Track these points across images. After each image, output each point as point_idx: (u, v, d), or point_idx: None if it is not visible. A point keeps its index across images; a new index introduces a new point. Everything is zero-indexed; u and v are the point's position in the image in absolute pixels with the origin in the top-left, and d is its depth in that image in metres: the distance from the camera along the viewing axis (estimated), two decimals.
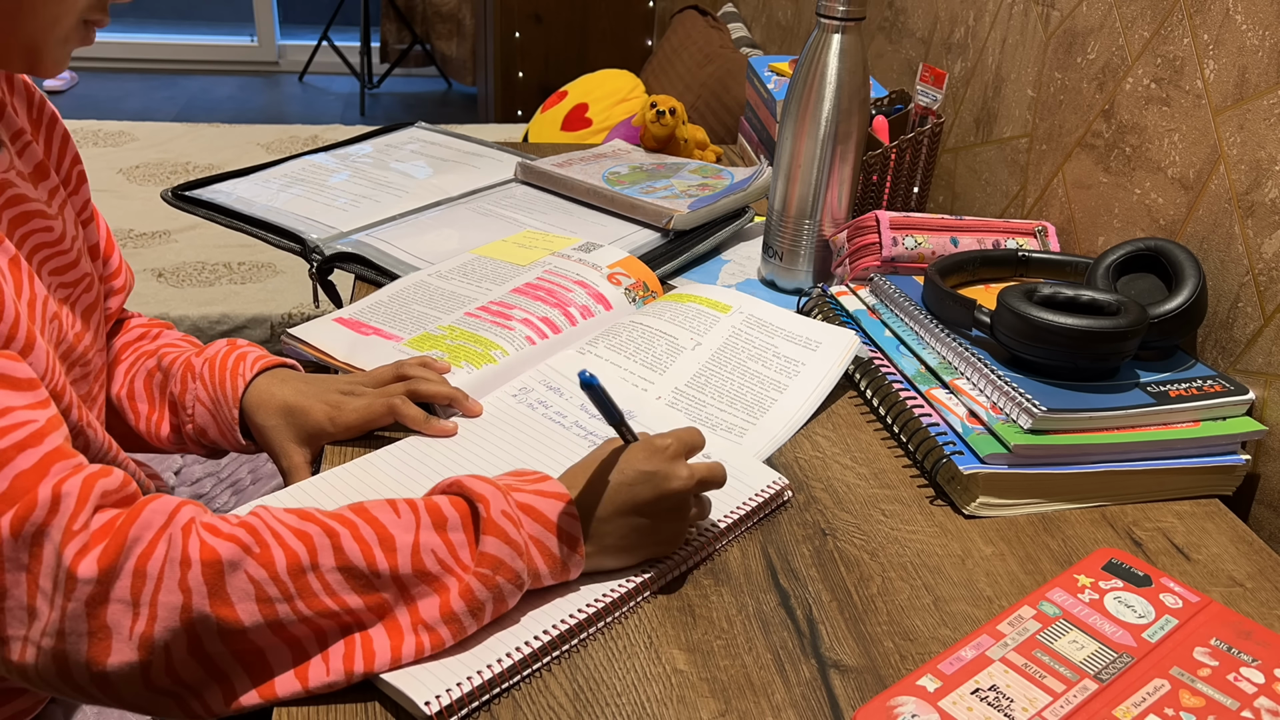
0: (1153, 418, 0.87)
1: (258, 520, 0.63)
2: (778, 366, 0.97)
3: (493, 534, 0.65)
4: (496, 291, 1.07)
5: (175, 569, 0.59)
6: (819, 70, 1.09)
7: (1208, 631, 0.69)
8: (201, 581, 0.59)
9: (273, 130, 2.74)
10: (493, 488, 0.67)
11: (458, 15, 4.44)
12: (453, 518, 0.66)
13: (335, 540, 0.63)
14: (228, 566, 0.60)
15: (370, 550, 0.63)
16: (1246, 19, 0.92)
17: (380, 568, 0.63)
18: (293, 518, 0.64)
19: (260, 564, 0.61)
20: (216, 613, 0.59)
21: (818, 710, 0.65)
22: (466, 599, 0.64)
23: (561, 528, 0.68)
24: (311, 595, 0.61)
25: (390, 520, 0.64)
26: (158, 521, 0.61)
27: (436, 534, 0.65)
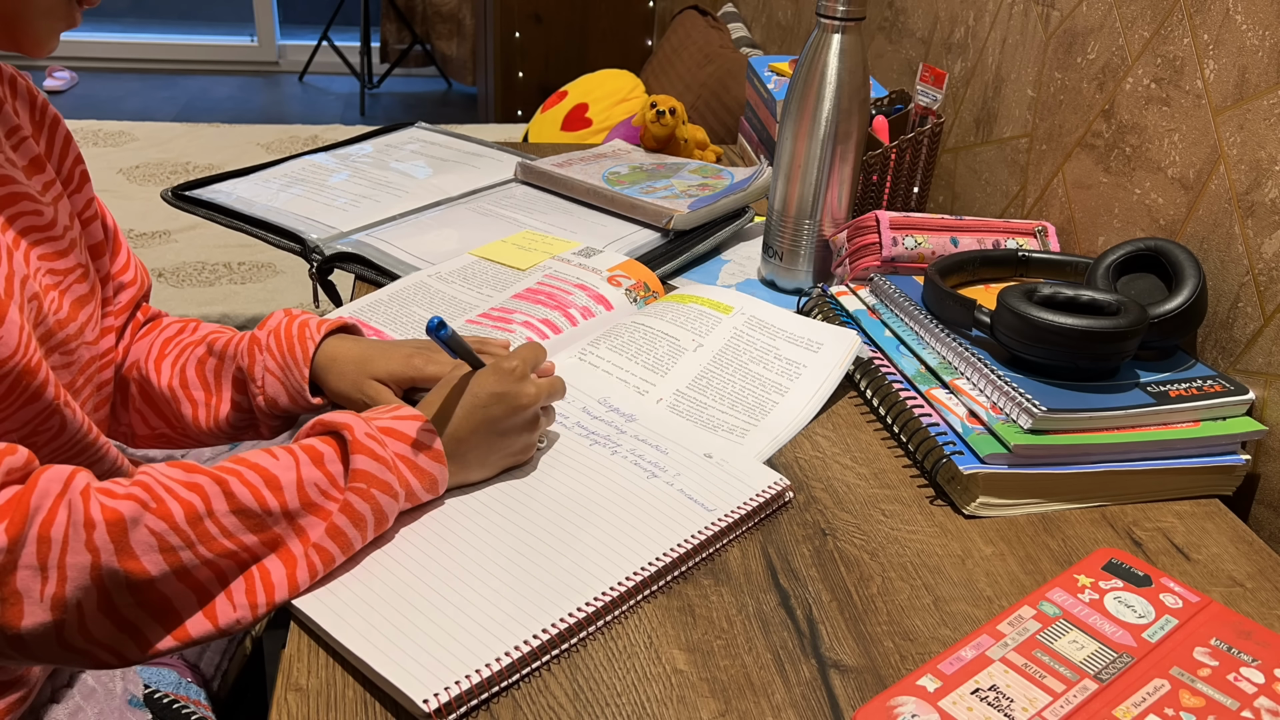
0: (1153, 418, 0.87)
1: (149, 478, 0.66)
2: (779, 369, 0.97)
3: (361, 452, 0.70)
4: (497, 298, 1.07)
5: (80, 531, 0.62)
6: (819, 70, 1.09)
7: (1208, 631, 0.69)
8: (108, 539, 0.62)
9: (273, 130, 2.74)
10: (354, 417, 0.72)
11: (458, 15, 4.44)
12: (328, 453, 0.71)
13: (225, 487, 0.66)
14: (130, 523, 0.63)
15: (259, 491, 0.67)
16: (1246, 19, 0.92)
17: (270, 505, 0.67)
18: (180, 472, 0.67)
19: (159, 517, 0.64)
20: (124, 567, 0.63)
21: (818, 710, 0.65)
22: (348, 514, 0.69)
23: (421, 442, 0.74)
24: (210, 539, 0.65)
25: (271, 463, 0.69)
26: (54, 489, 0.63)
27: (316, 469, 0.70)
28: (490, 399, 0.78)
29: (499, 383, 0.78)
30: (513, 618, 0.68)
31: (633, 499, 0.79)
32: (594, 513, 0.78)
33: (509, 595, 0.69)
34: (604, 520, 0.77)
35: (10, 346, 0.70)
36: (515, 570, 0.71)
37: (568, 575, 0.71)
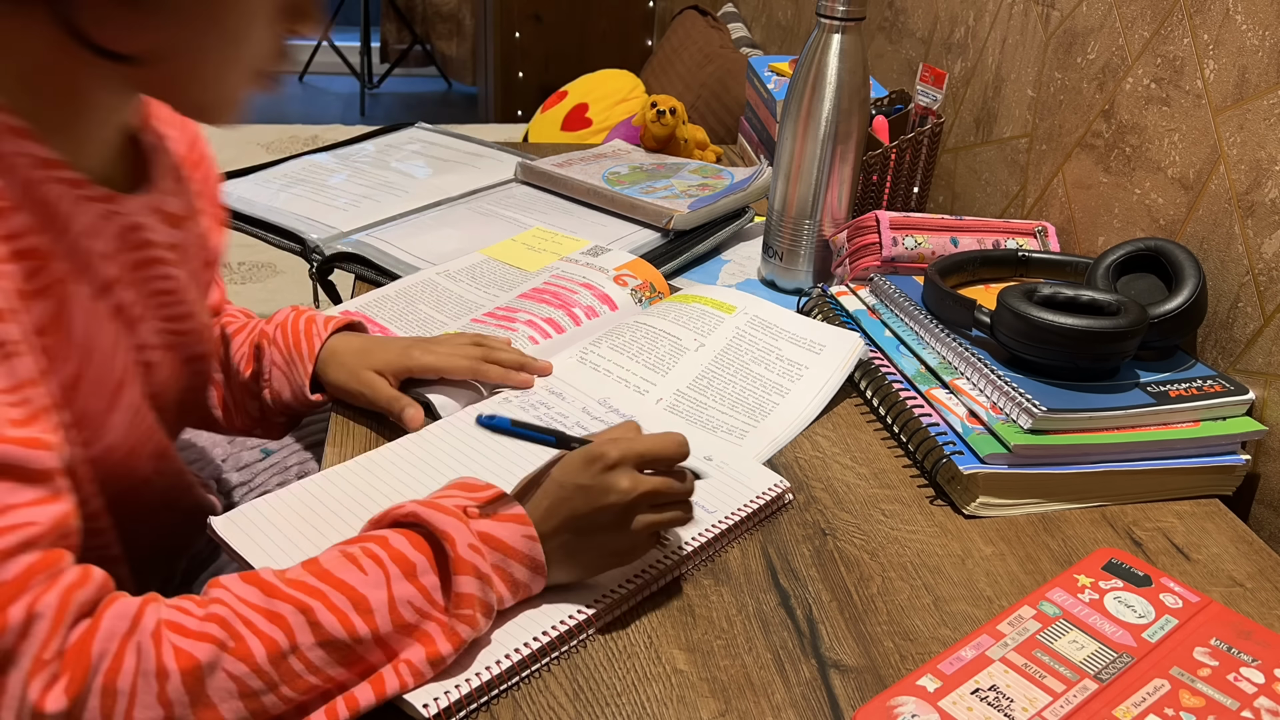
0: (1153, 418, 0.87)
1: (225, 609, 0.58)
2: (780, 369, 0.97)
3: (465, 572, 0.63)
4: (503, 298, 1.07)
5: (151, 682, 0.55)
6: (819, 70, 1.09)
7: (1208, 631, 0.69)
8: (182, 691, 0.55)
9: (273, 130, 2.74)
10: (454, 520, 0.64)
11: (458, 15, 4.44)
12: (420, 562, 0.63)
13: (310, 616, 0.59)
14: (206, 669, 0.56)
15: (347, 618, 0.60)
16: (1246, 19, 0.92)
17: (360, 633, 0.60)
18: (258, 596, 0.59)
19: (239, 658, 0.57)
20: (199, 717, 0.56)
21: (818, 710, 0.65)
22: (454, 642, 0.63)
23: (523, 552, 0.66)
24: (295, 678, 0.58)
25: (359, 580, 0.61)
26: (121, 629, 0.56)
27: (409, 583, 0.62)
28: (574, 490, 0.67)
29: (582, 472, 0.68)
30: (513, 620, 0.67)
31: None
32: None
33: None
34: None
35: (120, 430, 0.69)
36: None
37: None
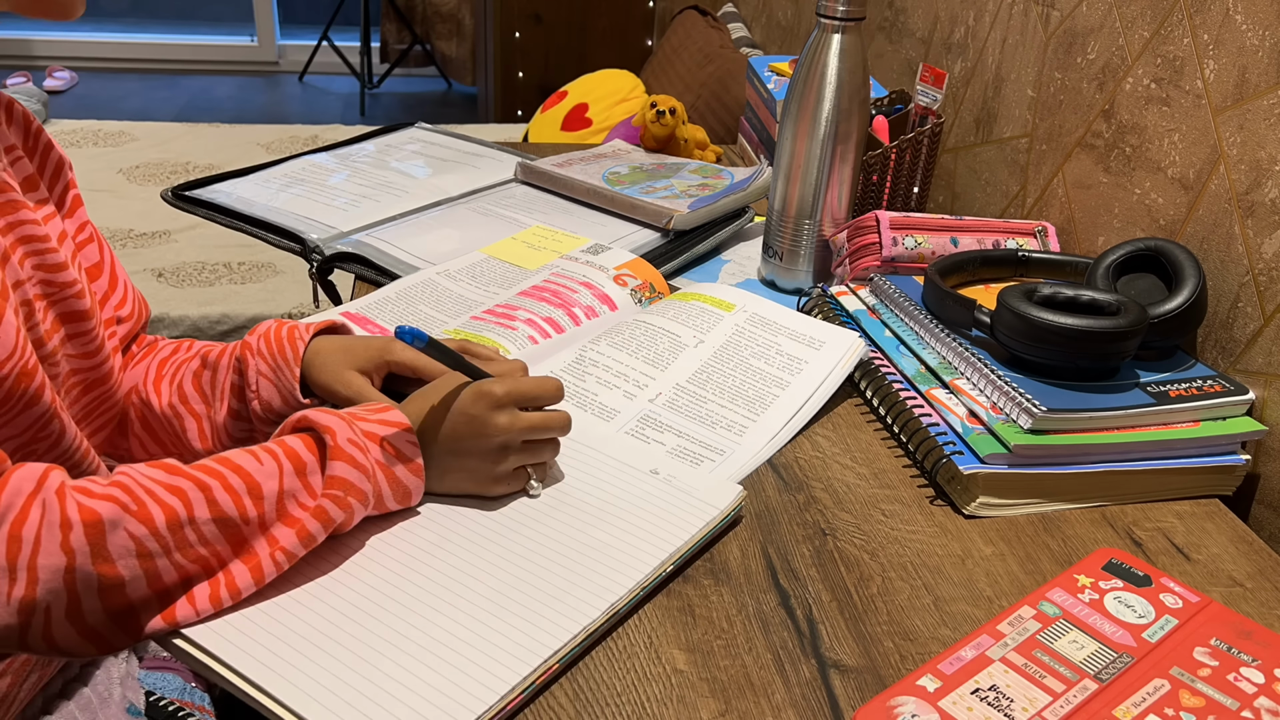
0: (1153, 418, 0.87)
1: (129, 479, 0.64)
2: (780, 364, 0.97)
3: (341, 459, 0.69)
4: (503, 296, 1.07)
5: (55, 531, 0.60)
6: (819, 70, 1.09)
7: (1208, 631, 0.69)
8: (84, 541, 0.61)
9: (273, 130, 2.74)
10: (338, 418, 0.71)
11: (458, 15, 4.44)
12: (310, 462, 0.69)
13: (208, 493, 0.65)
14: (109, 525, 0.61)
15: (240, 499, 0.66)
16: (1246, 19, 0.92)
17: (250, 515, 0.66)
18: (161, 473, 0.65)
19: (140, 520, 0.62)
20: (99, 570, 0.61)
21: (818, 710, 0.65)
22: (320, 518, 0.69)
23: (403, 453, 0.73)
24: (188, 546, 0.64)
25: (255, 468, 0.67)
26: (27, 488, 0.61)
27: (298, 479, 0.68)
28: (460, 418, 0.76)
29: (473, 404, 0.76)
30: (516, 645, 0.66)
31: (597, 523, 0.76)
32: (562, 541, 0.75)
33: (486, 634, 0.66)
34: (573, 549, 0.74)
35: (7, 348, 0.70)
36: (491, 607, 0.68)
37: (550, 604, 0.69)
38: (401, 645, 0.65)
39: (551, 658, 0.65)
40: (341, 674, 0.63)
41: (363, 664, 0.64)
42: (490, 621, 0.67)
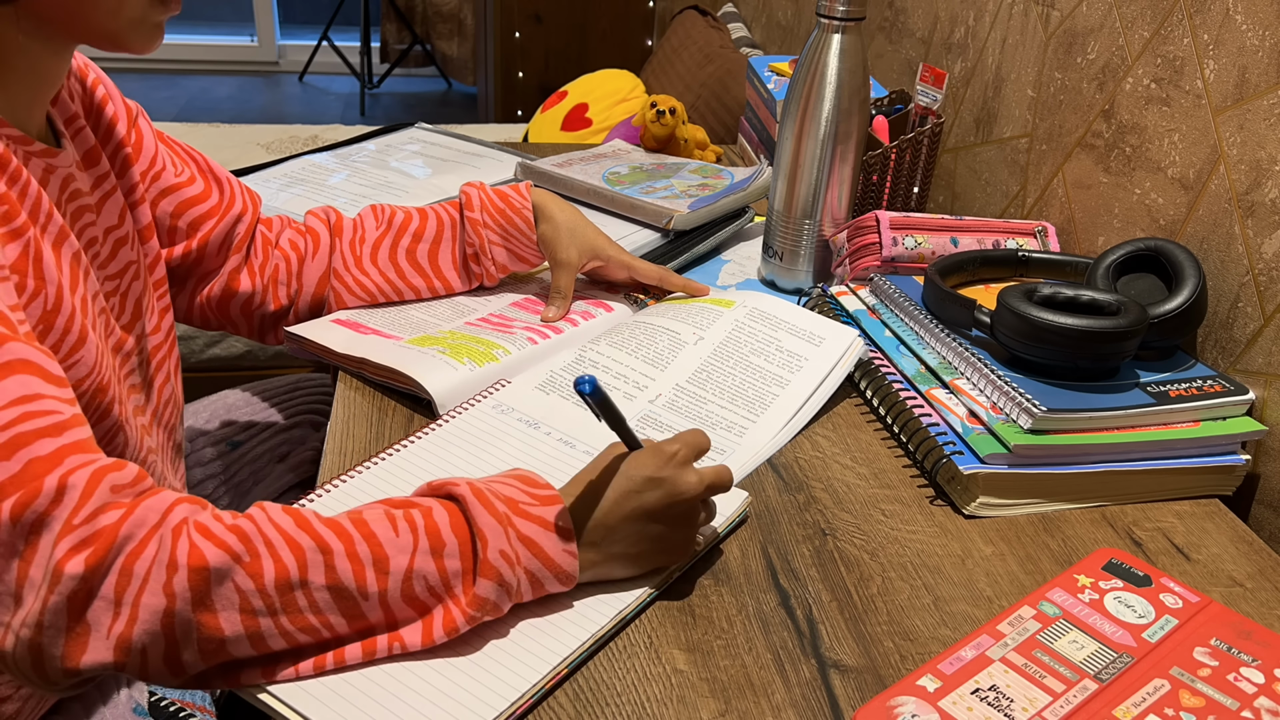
0: (1153, 418, 0.87)
1: (251, 525, 0.61)
2: (780, 361, 0.97)
3: (489, 577, 0.64)
4: (496, 303, 1.07)
5: (162, 571, 0.58)
6: (819, 70, 1.09)
7: (1208, 631, 0.69)
8: (187, 587, 0.58)
9: (273, 130, 2.74)
10: (497, 523, 0.65)
11: (458, 15, 4.44)
12: (451, 544, 0.64)
13: (328, 558, 0.61)
14: (214, 575, 0.59)
15: (363, 570, 0.62)
16: (1246, 19, 0.92)
17: (370, 590, 0.62)
18: (289, 522, 0.62)
19: (249, 574, 0.59)
20: (199, 619, 0.59)
21: (818, 710, 0.65)
22: (449, 631, 0.64)
23: (560, 565, 0.67)
24: (296, 611, 0.60)
25: (388, 538, 0.63)
26: (151, 519, 0.59)
27: (433, 560, 0.64)
28: (646, 484, 0.69)
29: (658, 467, 0.70)
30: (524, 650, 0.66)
31: None
32: None
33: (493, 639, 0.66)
34: None
35: (89, 365, 0.71)
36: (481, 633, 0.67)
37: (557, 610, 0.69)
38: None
39: (561, 664, 0.65)
40: (350, 679, 0.63)
41: (371, 669, 0.64)
42: (499, 628, 0.67)
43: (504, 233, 1.04)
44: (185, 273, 0.96)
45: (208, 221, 0.94)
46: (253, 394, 1.17)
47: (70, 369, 0.70)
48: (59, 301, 0.67)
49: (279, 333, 1.02)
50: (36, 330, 0.67)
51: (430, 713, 0.61)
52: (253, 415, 1.14)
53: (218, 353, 1.88)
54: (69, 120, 0.79)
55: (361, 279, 1.03)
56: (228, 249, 0.97)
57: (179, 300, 0.98)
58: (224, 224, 0.96)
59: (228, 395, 1.16)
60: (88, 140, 0.80)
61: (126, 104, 0.87)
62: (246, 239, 0.98)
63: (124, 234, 0.82)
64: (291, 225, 1.03)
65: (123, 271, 0.82)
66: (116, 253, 0.81)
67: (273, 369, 1.89)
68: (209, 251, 0.96)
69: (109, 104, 0.84)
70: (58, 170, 0.73)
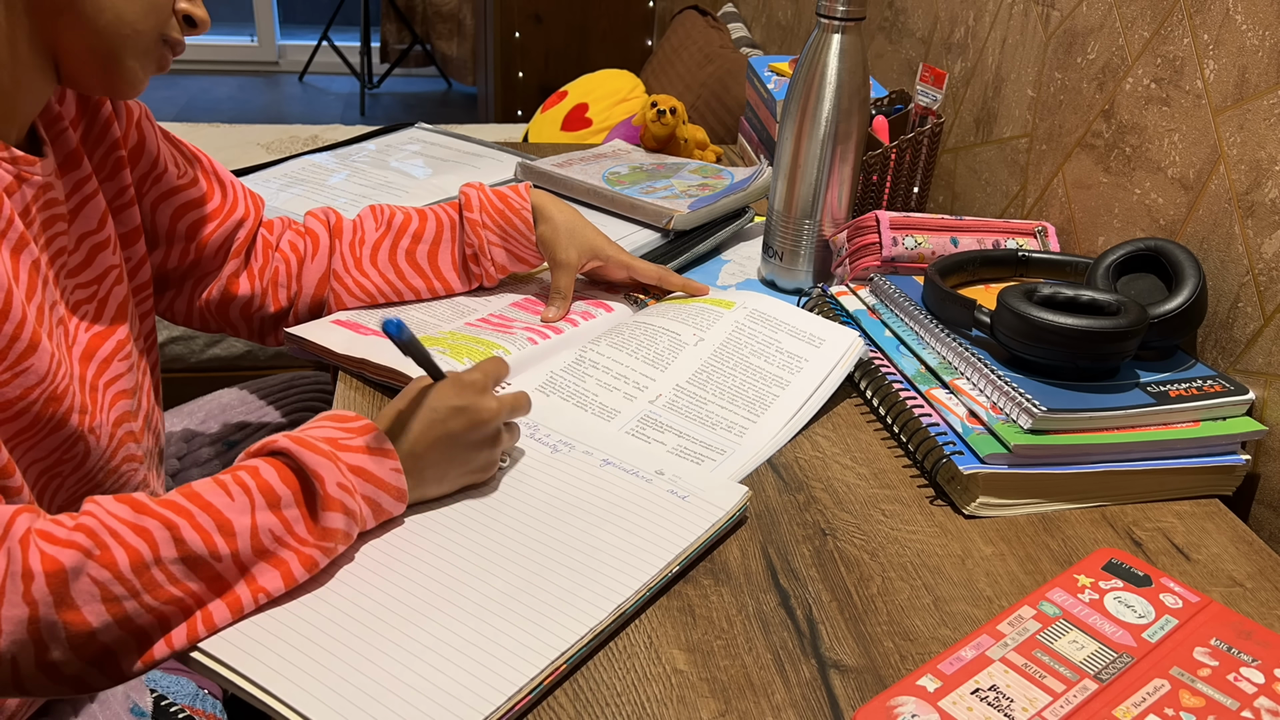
0: (1153, 418, 0.87)
1: (93, 520, 0.63)
2: (780, 362, 0.97)
3: (334, 509, 0.68)
4: (496, 304, 1.07)
5: (17, 583, 0.59)
6: (819, 70, 1.09)
7: (1208, 631, 0.69)
8: (46, 591, 0.60)
9: (273, 130, 2.74)
10: (325, 459, 0.69)
11: (458, 15, 4.43)
12: (285, 495, 0.68)
13: (175, 532, 0.63)
14: (71, 573, 0.60)
15: (210, 537, 0.64)
16: (1246, 19, 0.92)
17: (221, 552, 0.65)
18: (127, 510, 0.64)
19: (103, 565, 0.61)
20: (64, 619, 0.60)
21: (818, 710, 0.65)
22: (308, 567, 0.68)
23: (391, 484, 0.72)
24: (156, 587, 0.63)
25: (225, 504, 0.66)
26: None
27: (271, 513, 0.67)
28: (450, 412, 0.75)
29: (459, 395, 0.76)
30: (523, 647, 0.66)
31: (602, 524, 0.76)
32: (567, 543, 0.74)
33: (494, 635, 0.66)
34: (579, 551, 0.74)
35: (39, 374, 0.71)
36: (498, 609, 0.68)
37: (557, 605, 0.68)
38: (409, 647, 0.65)
39: (559, 659, 0.65)
40: (349, 676, 0.63)
41: (371, 666, 0.64)
42: (498, 624, 0.67)
43: (503, 233, 1.04)
44: (183, 275, 0.96)
45: (208, 225, 0.94)
46: (248, 393, 1.17)
47: (17, 376, 0.70)
48: (7, 306, 0.68)
49: (279, 334, 1.02)
50: None
51: (430, 709, 0.61)
52: (248, 414, 1.14)
53: (217, 353, 1.88)
54: (51, 121, 0.78)
55: (361, 280, 1.03)
56: (226, 252, 0.97)
57: (177, 303, 0.98)
58: (225, 228, 0.95)
59: (223, 395, 1.16)
60: (69, 143, 0.80)
61: (129, 105, 0.87)
62: (247, 243, 0.98)
63: (104, 238, 0.82)
64: (291, 227, 1.03)
65: (101, 276, 0.82)
66: (94, 258, 0.81)
67: (272, 369, 1.90)
68: (208, 254, 0.96)
69: (105, 105, 0.84)
70: (31, 179, 0.73)
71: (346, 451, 0.71)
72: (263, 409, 1.15)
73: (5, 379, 0.70)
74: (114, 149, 0.85)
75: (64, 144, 0.79)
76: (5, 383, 0.70)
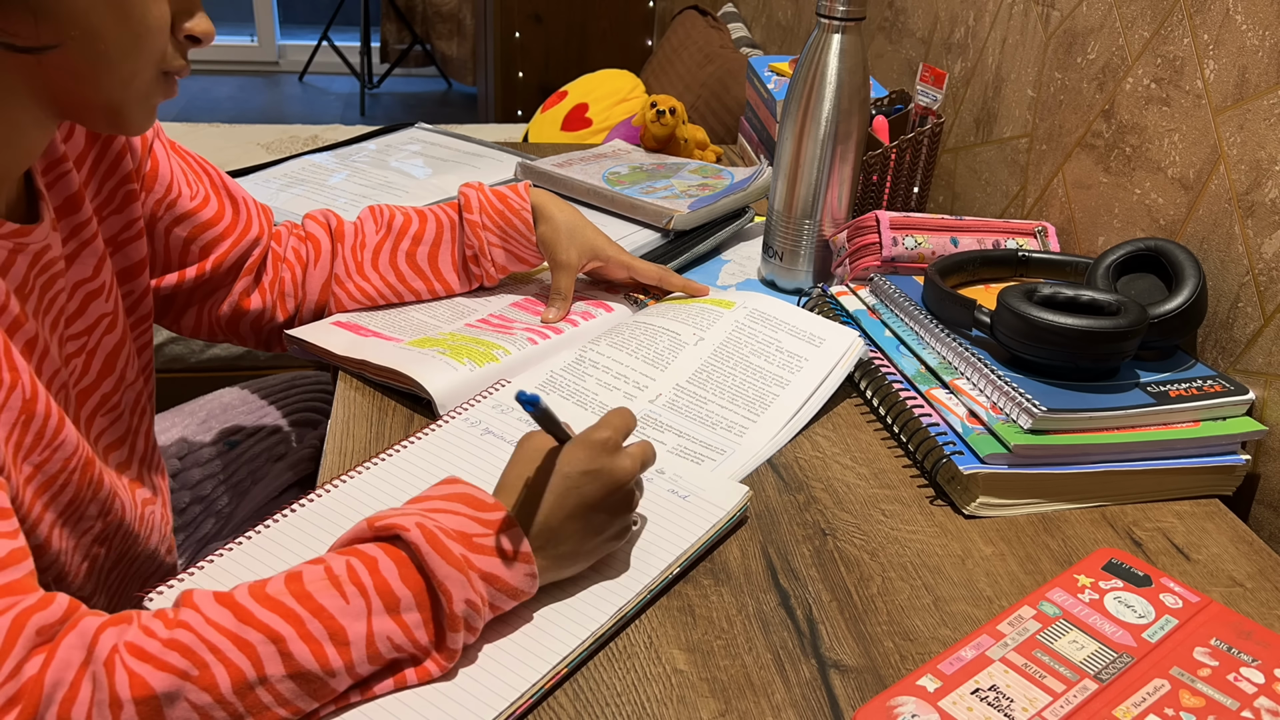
0: (1153, 418, 0.87)
1: (189, 634, 0.56)
2: (780, 361, 0.97)
3: (458, 629, 0.62)
4: (496, 304, 1.07)
5: (105, 712, 0.53)
6: (819, 70, 1.09)
7: (1208, 631, 0.69)
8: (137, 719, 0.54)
9: (273, 130, 2.74)
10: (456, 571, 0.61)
11: (458, 15, 4.44)
12: (405, 598, 0.61)
13: (281, 646, 0.57)
14: (164, 700, 0.54)
15: (321, 649, 0.58)
16: (1246, 19, 0.92)
17: (334, 665, 0.59)
18: (228, 617, 0.57)
19: (202, 688, 0.55)
20: None
21: (818, 710, 0.65)
22: (422, 679, 0.62)
23: (522, 590, 0.66)
24: (262, 709, 0.57)
25: (338, 608, 0.59)
26: (77, 659, 0.54)
27: (390, 619, 0.61)
28: (583, 478, 0.67)
29: (592, 458, 0.68)
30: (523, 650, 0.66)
31: None
32: None
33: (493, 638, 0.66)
34: None
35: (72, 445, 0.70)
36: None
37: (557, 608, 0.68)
38: None
39: (560, 663, 0.65)
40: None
41: None
42: (499, 628, 0.67)
43: (503, 234, 1.04)
44: (195, 294, 0.95)
45: (221, 245, 0.94)
46: (249, 392, 1.17)
47: (55, 452, 0.68)
48: (35, 388, 0.65)
49: (283, 341, 1.02)
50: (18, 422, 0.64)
51: (429, 713, 0.61)
52: (249, 414, 1.14)
53: (217, 353, 1.88)
54: (51, 165, 0.74)
55: (362, 284, 1.03)
56: (239, 271, 0.96)
57: (185, 318, 0.97)
58: (239, 248, 0.95)
59: (223, 395, 1.16)
60: (69, 186, 0.75)
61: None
62: (259, 261, 0.98)
63: (97, 286, 0.78)
64: (294, 233, 1.03)
65: (91, 327, 0.78)
66: (86, 308, 0.78)
67: (272, 369, 1.90)
68: (220, 274, 0.95)
69: (115, 141, 0.80)
70: (28, 248, 0.68)
71: (479, 554, 0.63)
72: (264, 409, 1.15)
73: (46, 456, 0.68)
74: (126, 181, 0.81)
75: (63, 188, 0.75)
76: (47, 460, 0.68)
